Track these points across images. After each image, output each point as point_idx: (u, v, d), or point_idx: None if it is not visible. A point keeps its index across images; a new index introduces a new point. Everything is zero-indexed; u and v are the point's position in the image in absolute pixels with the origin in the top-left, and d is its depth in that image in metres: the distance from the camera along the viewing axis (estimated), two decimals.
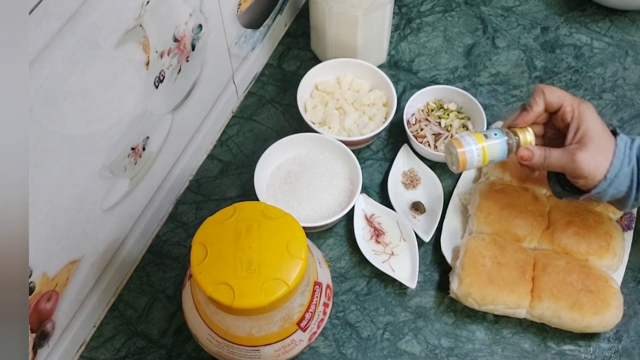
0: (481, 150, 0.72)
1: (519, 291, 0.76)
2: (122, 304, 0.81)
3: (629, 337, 0.79)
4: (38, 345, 0.69)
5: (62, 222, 0.65)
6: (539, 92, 0.72)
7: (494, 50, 1.03)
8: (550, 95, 0.72)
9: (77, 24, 0.55)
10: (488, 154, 0.72)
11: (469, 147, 0.72)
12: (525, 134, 0.73)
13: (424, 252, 0.84)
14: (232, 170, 0.91)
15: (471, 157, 0.72)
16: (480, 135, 0.73)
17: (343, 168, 0.87)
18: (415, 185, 0.89)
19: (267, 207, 0.65)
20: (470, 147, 0.72)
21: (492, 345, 0.78)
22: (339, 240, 0.86)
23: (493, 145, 0.72)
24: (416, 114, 0.93)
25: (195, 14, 0.74)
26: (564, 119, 0.72)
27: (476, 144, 0.72)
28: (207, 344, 0.69)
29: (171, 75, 0.75)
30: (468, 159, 0.72)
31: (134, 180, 0.76)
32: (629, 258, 0.82)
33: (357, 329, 0.79)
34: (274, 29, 1.00)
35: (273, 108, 0.97)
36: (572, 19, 1.06)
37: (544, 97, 0.72)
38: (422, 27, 1.06)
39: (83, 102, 0.60)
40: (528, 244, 0.81)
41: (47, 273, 0.66)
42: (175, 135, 0.82)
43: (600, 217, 0.81)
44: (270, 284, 0.59)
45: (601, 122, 0.71)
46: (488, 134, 0.73)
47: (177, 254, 0.85)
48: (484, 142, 0.72)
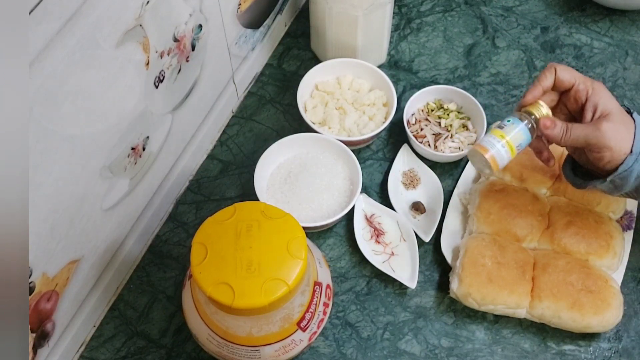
0: (506, 145, 0.70)
1: (519, 291, 0.76)
2: (122, 304, 0.81)
3: (629, 337, 0.79)
4: (38, 345, 0.69)
5: (62, 222, 0.65)
6: (550, 68, 0.70)
7: (494, 50, 1.03)
8: (563, 72, 0.70)
9: (77, 24, 0.55)
10: (514, 145, 0.70)
11: (495, 149, 0.70)
12: (540, 108, 0.71)
13: (424, 252, 0.84)
14: (232, 170, 0.91)
15: (500, 156, 0.70)
16: (497, 131, 0.71)
17: (343, 168, 0.87)
18: (415, 185, 0.89)
19: (267, 207, 0.65)
20: (496, 148, 0.70)
21: (492, 345, 0.78)
22: (339, 240, 0.86)
23: (515, 135, 0.70)
24: (416, 114, 0.93)
25: (195, 14, 0.75)
26: (577, 99, 0.70)
27: (499, 141, 0.70)
28: (207, 344, 0.69)
29: (171, 75, 0.75)
30: (498, 159, 0.71)
31: (134, 180, 0.76)
32: (629, 258, 0.82)
33: (357, 329, 0.79)
34: (274, 29, 1.00)
35: (273, 108, 0.97)
36: (572, 19, 1.06)
37: (555, 73, 0.70)
38: (422, 27, 1.06)
39: (83, 102, 0.60)
40: (528, 244, 0.81)
41: (47, 273, 0.66)
42: (175, 135, 0.82)
43: (600, 217, 0.81)
44: (270, 284, 0.59)
45: (616, 100, 0.69)
46: (503, 125, 0.71)
47: (177, 254, 0.85)
48: (505, 136, 0.70)
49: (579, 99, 0.70)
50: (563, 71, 0.70)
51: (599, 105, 0.68)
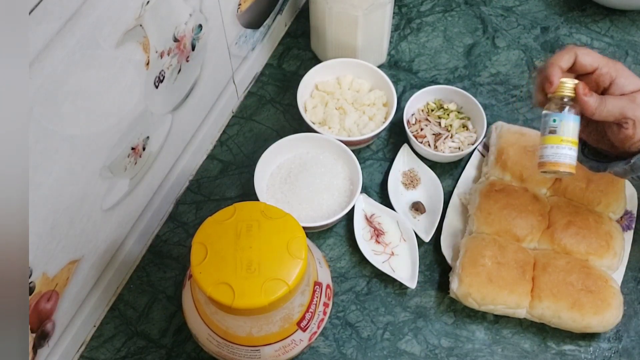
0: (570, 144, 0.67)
1: (519, 291, 0.76)
2: (122, 304, 0.81)
3: (629, 337, 0.79)
4: (38, 345, 0.69)
5: (62, 222, 0.65)
6: (571, 51, 0.66)
7: (494, 50, 1.03)
8: (584, 57, 0.66)
9: (77, 24, 0.55)
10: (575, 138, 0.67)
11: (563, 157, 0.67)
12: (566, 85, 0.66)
13: (424, 252, 0.84)
14: (232, 170, 0.91)
15: (570, 159, 0.67)
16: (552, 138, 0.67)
17: (343, 168, 0.87)
18: (415, 185, 0.89)
19: (267, 207, 0.65)
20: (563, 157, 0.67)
21: (492, 345, 0.78)
22: (339, 240, 0.86)
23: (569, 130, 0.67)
24: (416, 114, 0.93)
25: (195, 14, 0.74)
26: (600, 83, 0.67)
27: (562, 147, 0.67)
28: (207, 344, 0.69)
29: (171, 75, 0.75)
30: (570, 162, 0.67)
31: (134, 180, 0.76)
32: (629, 258, 0.82)
33: (357, 329, 0.79)
34: (274, 29, 1.00)
35: (273, 108, 0.97)
36: (572, 19, 1.06)
37: (576, 58, 0.66)
38: (422, 27, 1.06)
39: (83, 102, 0.60)
40: (528, 244, 0.81)
41: (47, 273, 0.66)
42: (175, 135, 0.82)
43: (600, 217, 0.81)
44: (270, 284, 0.59)
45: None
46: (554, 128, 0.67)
47: (177, 254, 0.85)
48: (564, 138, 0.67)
49: (601, 82, 0.67)
50: (585, 56, 0.66)
51: (625, 88, 0.66)
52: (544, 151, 0.68)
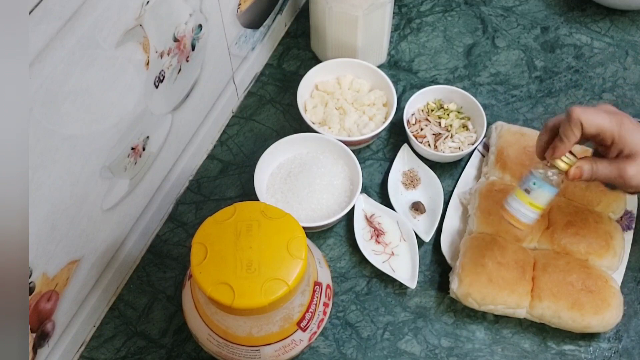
0: (532, 207, 0.71)
1: (519, 291, 0.76)
2: (122, 304, 0.81)
3: (629, 337, 0.79)
4: (38, 345, 0.69)
5: (62, 222, 0.65)
6: (577, 124, 0.68)
7: (494, 50, 1.03)
8: (589, 127, 0.68)
9: (77, 24, 0.55)
10: (542, 205, 0.71)
11: (523, 217, 0.71)
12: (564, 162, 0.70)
13: (424, 252, 0.84)
14: (232, 170, 0.91)
15: (528, 219, 0.71)
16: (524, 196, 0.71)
17: (343, 168, 0.87)
18: (415, 185, 0.89)
19: (267, 207, 0.65)
20: (524, 217, 0.71)
21: (492, 345, 0.78)
22: (339, 240, 0.86)
23: (541, 197, 0.71)
24: (416, 114, 0.93)
25: (195, 14, 0.75)
26: (603, 143, 0.70)
27: (526, 207, 0.71)
28: (207, 344, 0.69)
29: (171, 75, 0.75)
30: (527, 222, 0.71)
31: (134, 180, 0.76)
32: (629, 258, 0.82)
33: (357, 329, 0.79)
34: (274, 29, 1.00)
35: (273, 108, 0.97)
36: (572, 19, 1.06)
37: (582, 129, 0.68)
38: (422, 27, 1.06)
39: (83, 102, 0.60)
40: (528, 244, 0.81)
41: (47, 273, 0.66)
42: (175, 135, 0.82)
43: (600, 217, 0.81)
44: (270, 284, 0.59)
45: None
46: (530, 189, 0.71)
47: (177, 254, 0.85)
48: (533, 201, 0.71)
49: (604, 142, 0.70)
50: (589, 126, 0.68)
51: (624, 149, 0.69)
52: (512, 202, 0.72)
